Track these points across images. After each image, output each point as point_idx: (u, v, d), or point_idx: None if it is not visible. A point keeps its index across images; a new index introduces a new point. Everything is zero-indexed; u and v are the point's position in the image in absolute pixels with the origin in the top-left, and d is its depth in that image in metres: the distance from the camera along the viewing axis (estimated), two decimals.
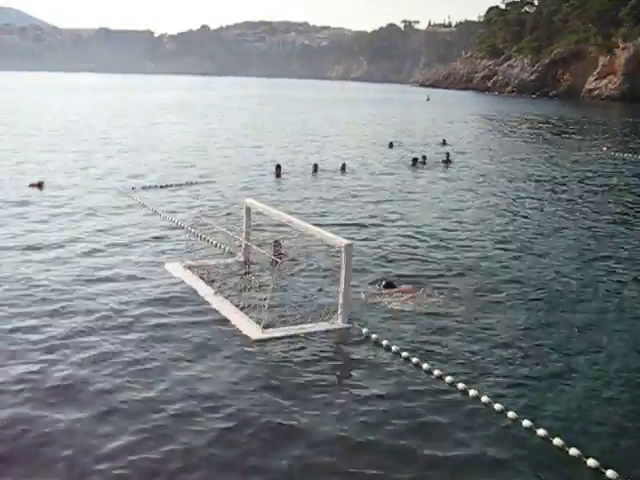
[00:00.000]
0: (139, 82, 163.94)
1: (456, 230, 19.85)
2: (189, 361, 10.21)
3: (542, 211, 23.26)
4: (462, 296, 13.71)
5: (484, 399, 9.25)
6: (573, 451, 8.07)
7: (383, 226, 20.06)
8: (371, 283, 14.18)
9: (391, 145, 41.61)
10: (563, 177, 31.18)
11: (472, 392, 9.43)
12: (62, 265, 14.94)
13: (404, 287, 13.91)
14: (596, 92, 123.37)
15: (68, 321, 11.60)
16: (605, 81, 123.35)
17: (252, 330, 11.31)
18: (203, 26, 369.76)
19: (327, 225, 17.97)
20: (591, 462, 7.84)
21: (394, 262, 16.13)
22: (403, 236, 18.78)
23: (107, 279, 13.99)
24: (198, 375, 9.78)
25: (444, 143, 42.83)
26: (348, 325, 11.74)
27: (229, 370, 10.00)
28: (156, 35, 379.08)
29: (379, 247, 17.51)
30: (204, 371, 9.91)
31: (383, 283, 13.98)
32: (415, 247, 17.73)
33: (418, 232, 19.40)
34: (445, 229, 19.98)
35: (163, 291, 13.31)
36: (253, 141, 42.78)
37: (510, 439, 8.47)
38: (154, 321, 11.74)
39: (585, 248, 18.12)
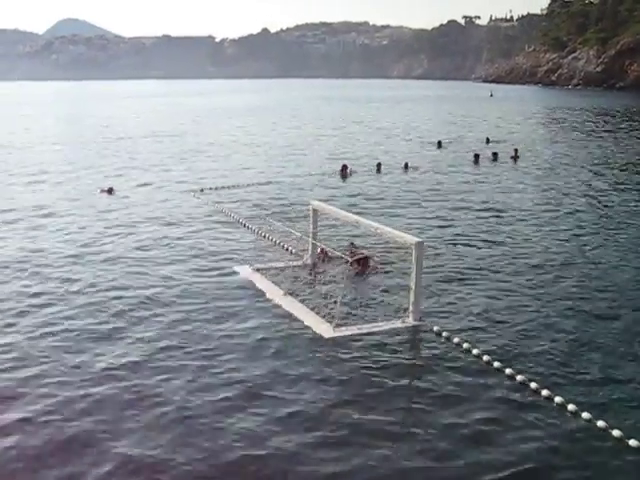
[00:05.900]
0: (201, 87, 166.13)
1: (525, 223, 19.66)
2: (262, 361, 10.39)
3: (615, 205, 22.80)
4: (536, 292, 13.66)
5: (557, 400, 9.15)
6: None
7: (452, 222, 20.02)
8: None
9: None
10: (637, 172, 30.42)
11: (545, 392, 9.33)
12: (124, 268, 15.27)
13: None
14: None
15: (140, 327, 12.00)
16: None
17: (324, 329, 11.48)
18: (263, 29, 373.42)
19: (397, 223, 18.02)
20: None
21: (467, 262, 16.10)
22: (474, 236, 18.66)
23: (178, 284, 14.20)
24: (274, 374, 9.96)
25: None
26: (420, 323, 11.80)
27: (304, 368, 10.16)
28: (217, 40, 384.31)
29: (450, 244, 17.48)
30: (280, 369, 10.09)
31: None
32: (484, 243, 17.64)
33: (488, 229, 19.35)
34: (513, 225, 19.83)
35: (234, 295, 13.48)
36: (316, 143, 43.10)
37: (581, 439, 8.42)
38: (225, 324, 11.95)
39: None
